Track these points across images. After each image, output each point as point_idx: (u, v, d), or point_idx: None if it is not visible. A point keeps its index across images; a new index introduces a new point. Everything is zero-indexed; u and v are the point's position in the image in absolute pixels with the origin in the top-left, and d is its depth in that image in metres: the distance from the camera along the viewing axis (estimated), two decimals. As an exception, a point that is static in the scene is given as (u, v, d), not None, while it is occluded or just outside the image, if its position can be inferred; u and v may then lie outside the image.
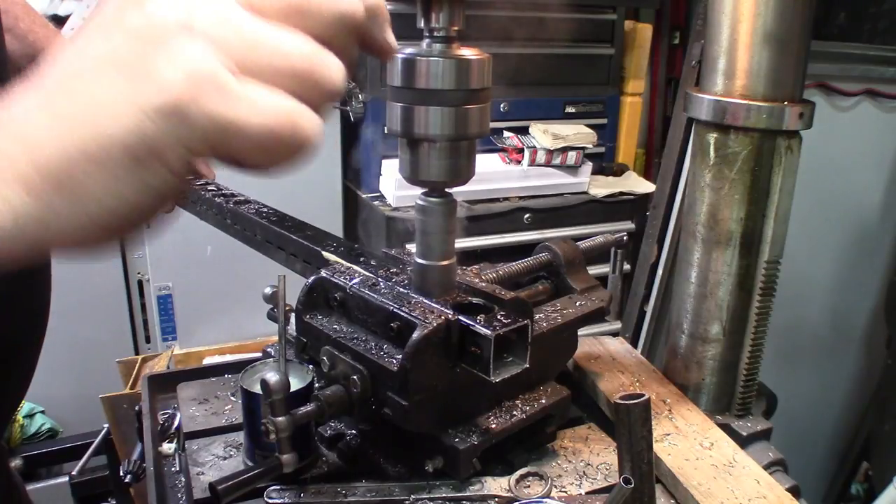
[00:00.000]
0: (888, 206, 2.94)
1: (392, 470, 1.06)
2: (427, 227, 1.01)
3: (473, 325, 0.91)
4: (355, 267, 1.11)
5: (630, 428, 0.82)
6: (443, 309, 0.97)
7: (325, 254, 1.17)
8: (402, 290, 1.03)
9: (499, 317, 0.92)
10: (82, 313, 2.61)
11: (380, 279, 1.06)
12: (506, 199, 2.71)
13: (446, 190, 0.99)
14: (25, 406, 2.54)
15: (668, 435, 1.13)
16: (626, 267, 1.88)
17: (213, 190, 1.47)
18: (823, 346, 3.08)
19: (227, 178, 1.61)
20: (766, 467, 1.10)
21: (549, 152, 2.71)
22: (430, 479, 1.02)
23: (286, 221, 1.32)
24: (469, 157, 0.98)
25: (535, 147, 2.73)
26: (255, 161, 0.49)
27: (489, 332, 0.88)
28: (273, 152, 0.47)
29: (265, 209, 1.39)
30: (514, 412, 1.07)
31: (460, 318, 0.94)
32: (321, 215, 2.71)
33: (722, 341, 1.23)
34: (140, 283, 2.71)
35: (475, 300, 1.01)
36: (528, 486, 1.04)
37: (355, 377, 0.97)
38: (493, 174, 2.70)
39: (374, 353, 0.97)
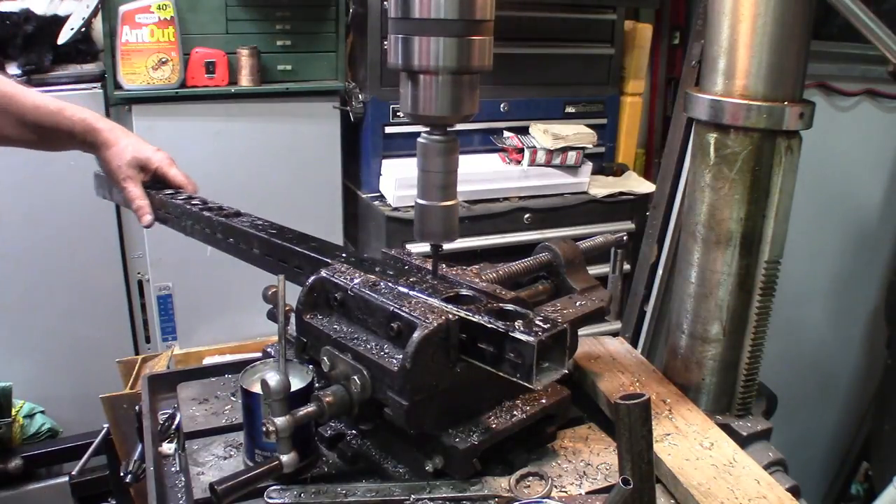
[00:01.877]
0: (888, 206, 2.93)
1: (392, 470, 1.06)
2: (428, 166, 0.98)
3: (514, 332, 0.86)
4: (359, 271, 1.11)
5: (630, 428, 0.82)
6: (468, 312, 0.93)
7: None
8: (402, 290, 1.03)
9: (537, 322, 0.88)
10: (82, 313, 2.60)
11: (381, 280, 1.06)
12: (506, 199, 2.71)
13: (448, 127, 0.97)
14: (25, 406, 2.54)
15: (668, 435, 1.13)
16: (626, 267, 1.88)
17: (197, 204, 1.41)
18: (823, 346, 3.07)
19: (228, 182, 1.60)
20: (766, 467, 1.10)
21: (549, 152, 2.71)
22: (430, 479, 1.02)
23: (286, 233, 1.26)
24: (472, 92, 0.95)
25: (535, 147, 2.73)
26: None
27: (532, 338, 0.84)
28: None
29: (260, 222, 1.32)
30: (515, 412, 1.07)
31: (498, 324, 0.89)
32: (321, 215, 2.71)
33: (722, 341, 1.23)
34: (140, 283, 2.70)
35: (508, 306, 0.96)
36: (528, 486, 1.04)
37: (355, 377, 0.97)
38: (493, 174, 2.70)
39: (375, 353, 0.97)
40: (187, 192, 1.47)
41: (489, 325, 0.90)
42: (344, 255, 1.16)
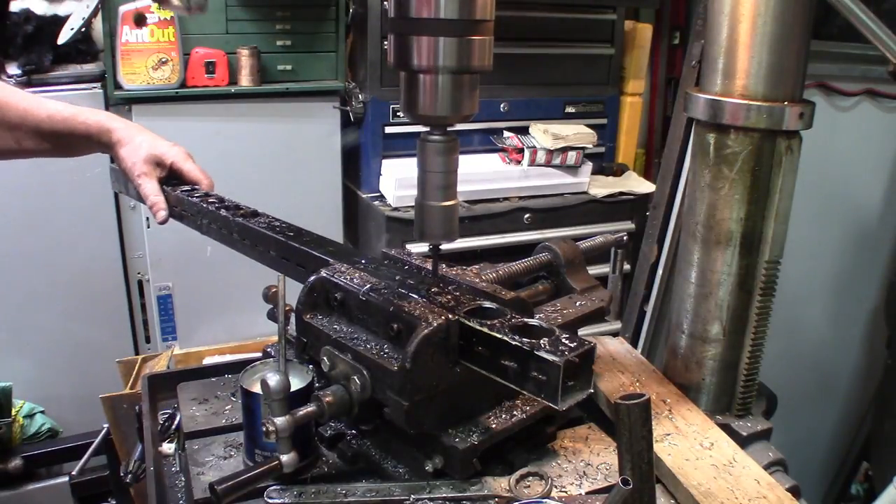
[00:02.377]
0: (888, 206, 2.93)
1: (392, 470, 1.06)
2: (428, 165, 0.98)
3: (539, 351, 0.84)
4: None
5: (630, 428, 0.82)
6: (492, 327, 0.90)
7: None
8: (402, 290, 1.03)
9: (563, 340, 0.85)
10: (82, 313, 2.61)
11: (381, 281, 1.06)
12: (506, 199, 2.71)
13: (448, 127, 0.96)
14: (25, 406, 2.54)
15: (668, 435, 1.13)
16: (626, 267, 1.88)
17: (214, 202, 1.37)
18: (823, 346, 3.07)
19: (228, 182, 1.60)
20: (766, 467, 1.10)
21: (549, 152, 2.71)
22: (430, 479, 1.02)
23: (303, 236, 1.23)
24: (472, 92, 0.94)
25: (535, 147, 2.73)
26: None
27: (558, 359, 0.81)
28: None
29: (277, 223, 1.28)
30: (515, 412, 1.07)
31: (523, 342, 0.86)
32: (321, 215, 2.71)
33: (722, 341, 1.23)
34: (140, 283, 2.70)
35: (532, 322, 0.93)
36: (528, 486, 1.04)
37: (355, 377, 0.97)
38: (493, 174, 2.70)
39: (375, 353, 0.97)
40: (203, 188, 1.46)
41: (513, 343, 0.87)
42: (363, 261, 1.14)
